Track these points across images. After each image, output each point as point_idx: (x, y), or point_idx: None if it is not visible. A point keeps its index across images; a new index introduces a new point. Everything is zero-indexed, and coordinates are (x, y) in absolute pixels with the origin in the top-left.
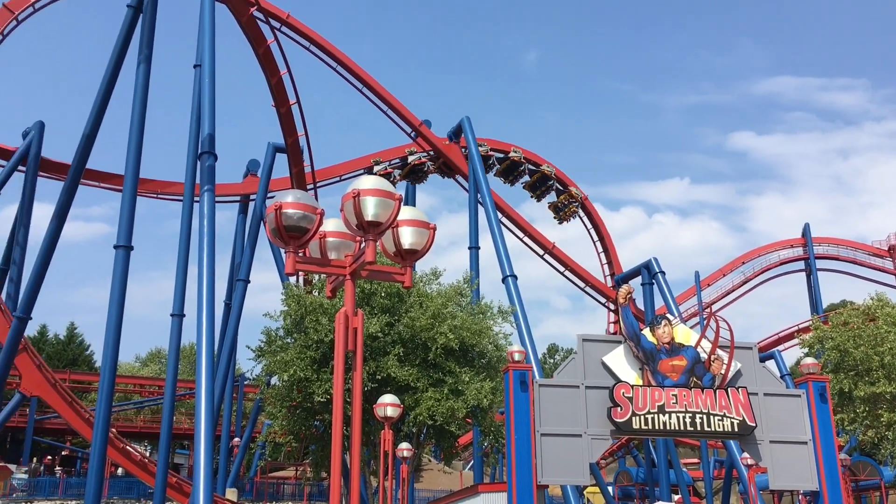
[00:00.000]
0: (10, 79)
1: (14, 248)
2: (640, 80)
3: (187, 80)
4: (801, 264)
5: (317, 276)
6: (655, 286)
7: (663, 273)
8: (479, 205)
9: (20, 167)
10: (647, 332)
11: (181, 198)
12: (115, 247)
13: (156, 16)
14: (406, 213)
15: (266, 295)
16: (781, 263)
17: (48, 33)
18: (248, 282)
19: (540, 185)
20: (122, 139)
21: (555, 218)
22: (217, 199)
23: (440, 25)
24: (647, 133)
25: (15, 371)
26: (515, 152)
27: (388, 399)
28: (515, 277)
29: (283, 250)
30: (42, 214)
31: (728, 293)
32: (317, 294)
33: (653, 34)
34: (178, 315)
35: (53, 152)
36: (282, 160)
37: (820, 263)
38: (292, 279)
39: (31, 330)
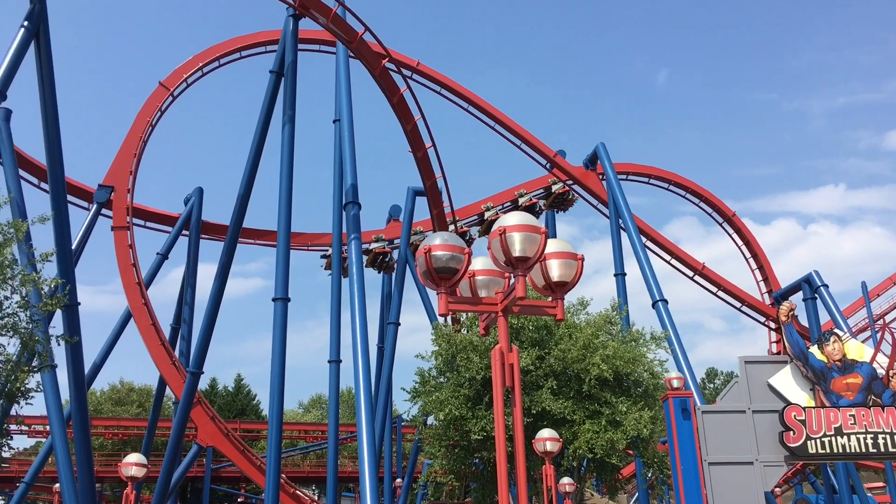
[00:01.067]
0: (170, 150)
1: (183, 308)
2: (781, 89)
3: (328, 134)
4: None
5: (465, 315)
6: (819, 301)
7: (826, 286)
8: (621, 230)
9: (184, 231)
10: (814, 350)
11: (330, 248)
12: (274, 299)
13: (296, 78)
14: (553, 245)
15: (416, 336)
16: None
17: (201, 104)
18: (399, 324)
19: None
20: (273, 196)
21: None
22: (363, 245)
23: (566, 55)
24: (793, 141)
25: (191, 423)
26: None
27: (546, 433)
28: (666, 302)
29: (435, 291)
30: (206, 274)
31: None
32: (466, 332)
33: (789, 39)
34: (336, 361)
35: (212, 215)
36: (422, 203)
37: None
38: (441, 319)
39: (202, 384)
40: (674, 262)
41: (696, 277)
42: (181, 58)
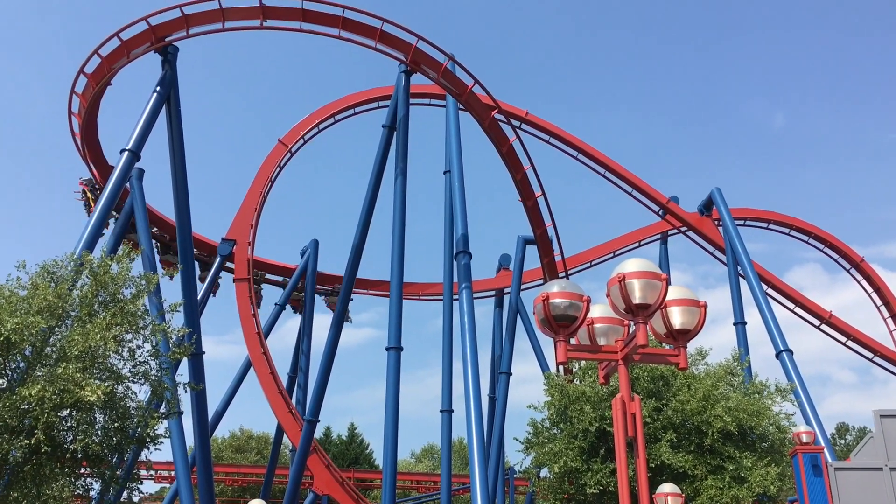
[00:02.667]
0: (287, 203)
1: (300, 357)
2: None
3: (438, 185)
4: None
5: (577, 365)
6: None
7: None
8: (739, 277)
9: (300, 282)
10: None
11: (441, 297)
12: (387, 348)
13: (408, 132)
14: (674, 292)
15: (527, 386)
16: None
17: (316, 158)
18: (511, 374)
19: None
20: (385, 247)
21: None
22: (474, 294)
23: (678, 99)
24: None
25: (307, 471)
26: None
27: (668, 488)
28: (791, 352)
29: (553, 339)
30: (321, 324)
31: None
32: (578, 382)
33: None
34: (448, 411)
35: (327, 265)
36: (532, 252)
37: None
38: (559, 368)
39: (318, 432)
40: (798, 310)
41: (823, 326)
42: (298, 114)
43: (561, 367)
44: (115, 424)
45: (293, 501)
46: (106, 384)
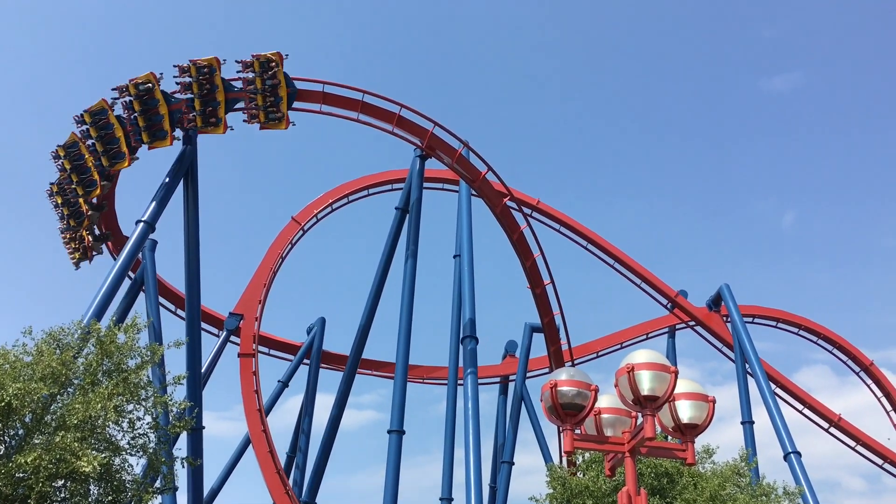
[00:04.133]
0: (296, 280)
1: (300, 436)
2: None
3: (447, 268)
4: None
5: (580, 458)
6: None
7: None
8: (747, 375)
9: (305, 360)
10: None
11: (445, 382)
12: (389, 431)
13: (420, 215)
14: (683, 385)
15: (529, 477)
16: None
17: (328, 237)
18: (513, 464)
19: None
20: (391, 328)
21: None
22: (479, 380)
23: (689, 194)
24: None
25: None
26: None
27: None
28: (799, 454)
29: (559, 428)
30: (323, 404)
31: None
32: (581, 475)
33: None
34: (447, 499)
35: (333, 344)
36: (539, 340)
37: None
38: (563, 459)
39: None
40: (806, 411)
41: (832, 430)
42: (312, 193)
43: (565, 459)
44: (109, 498)
45: None
46: (103, 455)
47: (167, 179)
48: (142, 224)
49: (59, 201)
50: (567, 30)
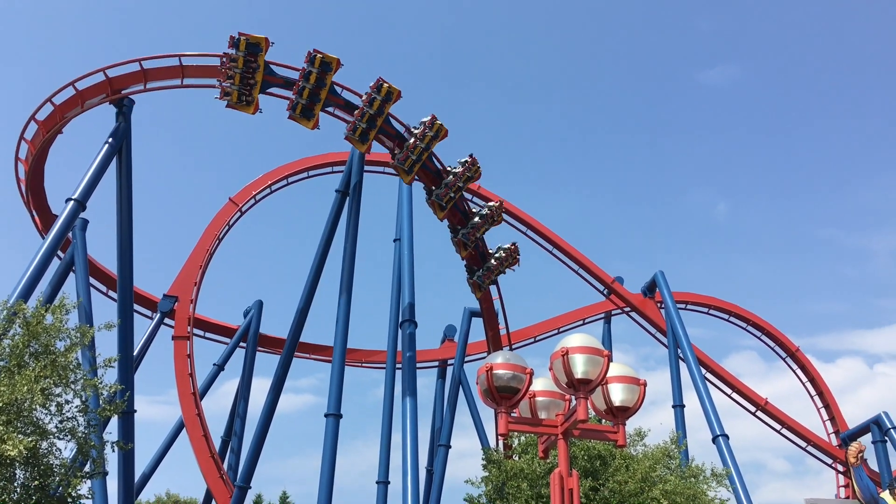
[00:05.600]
0: (233, 262)
1: (235, 420)
2: (843, 225)
3: (387, 252)
4: None
5: (516, 441)
6: (889, 444)
7: None
8: (679, 360)
9: (241, 343)
10: (885, 495)
11: (384, 366)
12: (326, 415)
13: (360, 198)
14: (615, 369)
15: (466, 460)
16: None
17: (265, 219)
18: (450, 447)
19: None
20: (330, 312)
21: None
22: (417, 364)
23: (625, 182)
24: (857, 279)
25: None
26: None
27: None
28: (727, 437)
29: (495, 410)
30: (259, 387)
31: None
32: (517, 459)
33: (849, 177)
34: (384, 482)
35: (270, 328)
36: (477, 324)
37: None
38: (498, 440)
39: (248, 500)
40: (735, 395)
41: (759, 413)
42: (249, 174)
43: (501, 442)
44: (36, 482)
45: None
46: (29, 439)
47: (99, 156)
48: (72, 202)
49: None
50: (508, 15)
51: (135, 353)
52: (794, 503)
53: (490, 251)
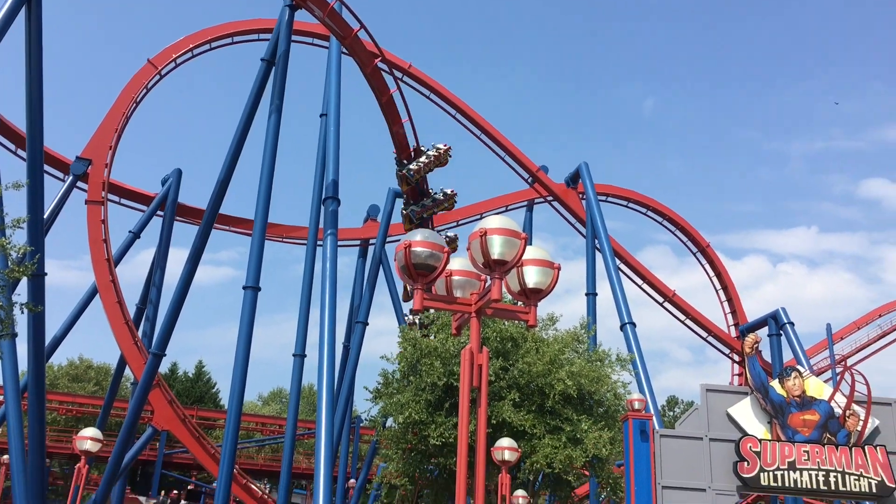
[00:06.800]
0: (152, 128)
1: (151, 289)
2: (764, 127)
3: (313, 127)
4: None
5: (432, 320)
6: (783, 338)
7: (792, 324)
8: (596, 250)
9: (159, 212)
10: (775, 384)
11: (305, 242)
12: (244, 287)
13: (287, 68)
14: (531, 252)
15: (382, 339)
16: None
17: (187, 86)
18: (367, 324)
19: None
20: (252, 185)
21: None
22: (339, 243)
23: (557, 72)
24: (771, 181)
25: (148, 406)
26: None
27: (505, 442)
28: (634, 325)
29: (411, 287)
30: (177, 257)
31: (863, 347)
32: (432, 338)
33: (775, 79)
34: (300, 355)
35: (189, 198)
36: (401, 205)
37: None
38: (412, 317)
39: (163, 367)
40: (646, 286)
41: (666, 304)
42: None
43: (417, 321)
44: None
45: (129, 435)
46: None
47: (4, 8)
48: None
49: None
50: None
51: (46, 216)
52: (691, 389)
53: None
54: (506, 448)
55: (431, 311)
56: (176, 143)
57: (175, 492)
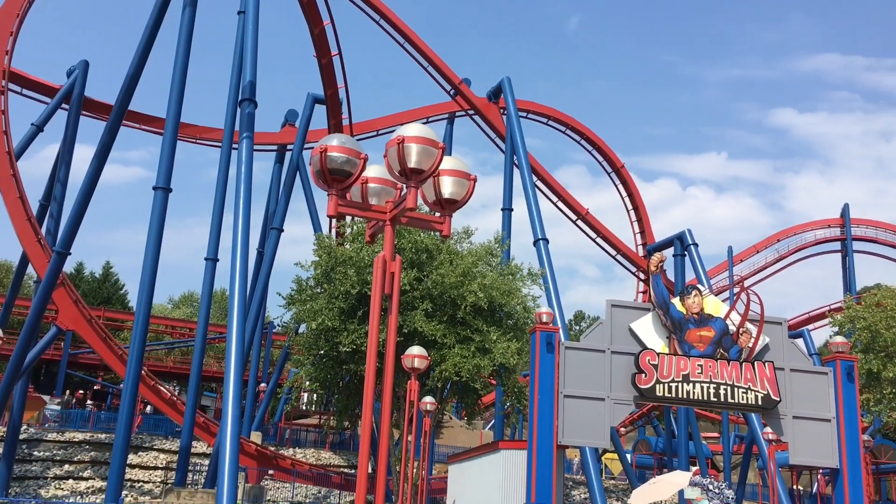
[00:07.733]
0: (57, 16)
1: (55, 185)
2: (683, 52)
3: (230, 26)
4: (838, 245)
5: (349, 230)
6: (687, 258)
7: (696, 245)
8: (514, 166)
9: (63, 105)
10: (676, 301)
11: (220, 144)
12: (155, 188)
13: None
14: (448, 163)
15: (298, 246)
16: (817, 243)
17: None
18: (282, 230)
19: None
20: (166, 83)
21: None
22: (255, 147)
23: None
24: (687, 105)
25: (52, 305)
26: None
27: (416, 350)
28: (547, 241)
29: (326, 193)
30: (83, 154)
31: (760, 270)
32: (347, 247)
33: (700, 5)
34: (212, 259)
35: (97, 92)
36: (320, 112)
37: (857, 245)
38: (325, 230)
39: (68, 266)
40: (560, 204)
41: (579, 222)
42: None
43: (333, 231)
44: None
45: (32, 334)
46: None
47: None
48: None
49: None
50: None
51: None
52: (598, 305)
53: None
54: (416, 356)
55: (347, 218)
56: (83, 34)
57: (80, 392)
